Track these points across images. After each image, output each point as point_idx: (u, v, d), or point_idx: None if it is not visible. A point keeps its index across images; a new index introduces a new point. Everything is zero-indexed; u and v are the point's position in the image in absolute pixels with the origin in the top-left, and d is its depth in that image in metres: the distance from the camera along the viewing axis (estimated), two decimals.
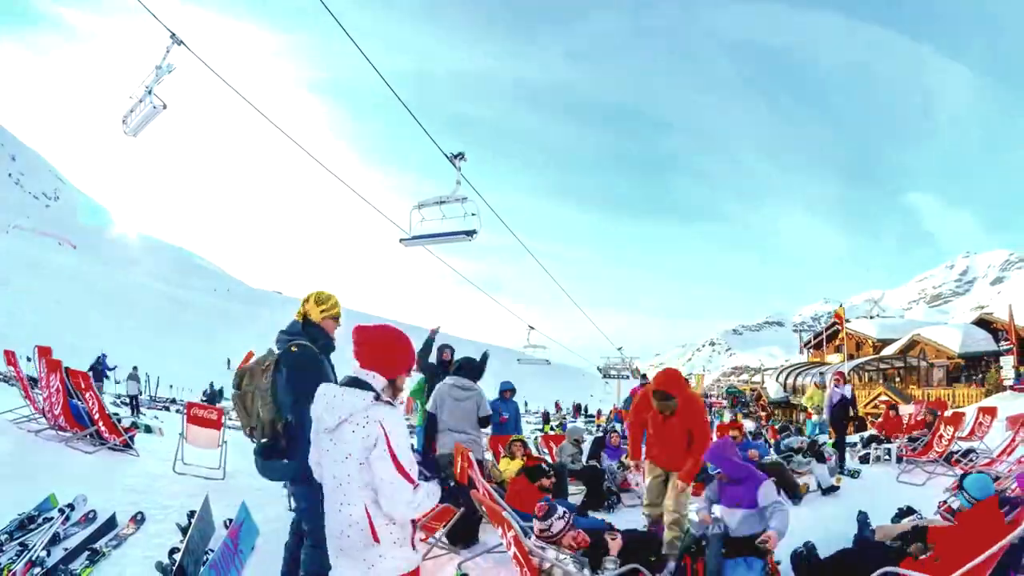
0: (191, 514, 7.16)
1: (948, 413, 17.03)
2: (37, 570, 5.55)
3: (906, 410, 22.81)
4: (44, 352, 11.52)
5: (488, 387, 9.26)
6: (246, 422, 5.52)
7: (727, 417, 51.36)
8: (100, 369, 28.13)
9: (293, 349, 5.52)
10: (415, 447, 9.50)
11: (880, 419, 21.30)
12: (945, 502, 9.12)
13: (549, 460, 12.56)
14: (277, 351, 5.65)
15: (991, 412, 16.92)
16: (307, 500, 5.24)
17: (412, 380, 11.29)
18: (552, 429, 47.35)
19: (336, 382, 4.17)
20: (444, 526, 7.52)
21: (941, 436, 14.55)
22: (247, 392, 5.51)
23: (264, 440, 5.37)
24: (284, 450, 5.30)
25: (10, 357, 14.87)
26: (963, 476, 6.86)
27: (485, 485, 7.17)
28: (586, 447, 15.08)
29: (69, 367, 11.07)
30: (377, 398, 3.82)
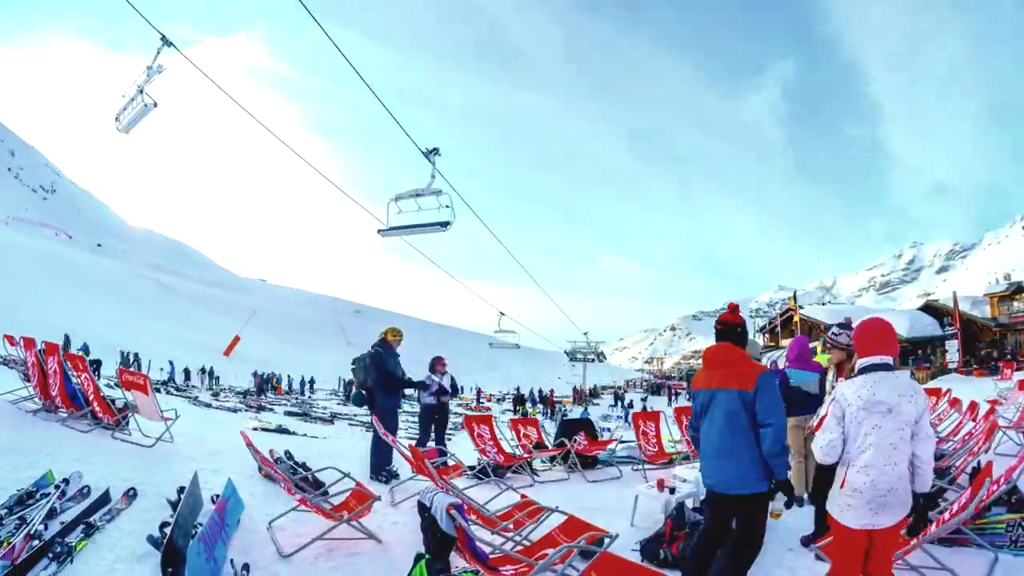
0: (181, 490, 7.15)
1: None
2: (35, 542, 5.53)
3: None
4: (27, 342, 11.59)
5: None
6: (358, 380, 11.36)
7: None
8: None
9: (372, 350, 11.17)
10: None
11: None
12: None
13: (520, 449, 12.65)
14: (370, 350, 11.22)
15: (937, 393, 17.13)
16: (380, 414, 10.74)
17: None
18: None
19: (392, 369, 11.09)
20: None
21: None
22: (358, 367, 11.31)
23: (359, 389, 11.41)
24: (367, 394, 11.19)
25: (10, 341, 14.84)
26: None
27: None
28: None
29: (68, 351, 11.08)
30: None
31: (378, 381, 10.94)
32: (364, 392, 11.24)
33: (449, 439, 14.79)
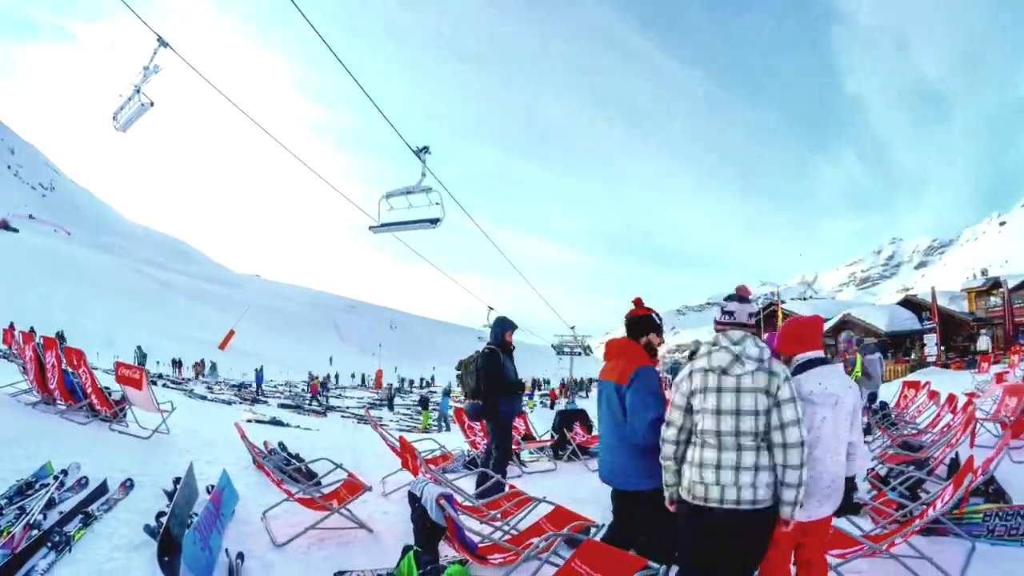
0: (177, 480, 7.17)
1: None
2: (34, 532, 5.53)
3: None
4: (25, 336, 11.58)
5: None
6: (467, 388, 9.26)
7: None
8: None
9: (486, 351, 9.14)
10: None
11: None
12: (873, 469, 9.24)
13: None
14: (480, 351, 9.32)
15: (915, 386, 17.19)
16: (495, 425, 9.23)
17: None
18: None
19: (510, 369, 9.23)
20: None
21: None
22: (466, 371, 9.24)
23: (474, 399, 9.13)
24: (483, 403, 9.06)
25: (8, 335, 14.83)
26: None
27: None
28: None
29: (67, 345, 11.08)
30: None
31: (493, 388, 9.10)
32: (480, 402, 9.20)
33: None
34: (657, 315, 5.41)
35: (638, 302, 5.51)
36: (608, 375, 5.21)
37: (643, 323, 5.39)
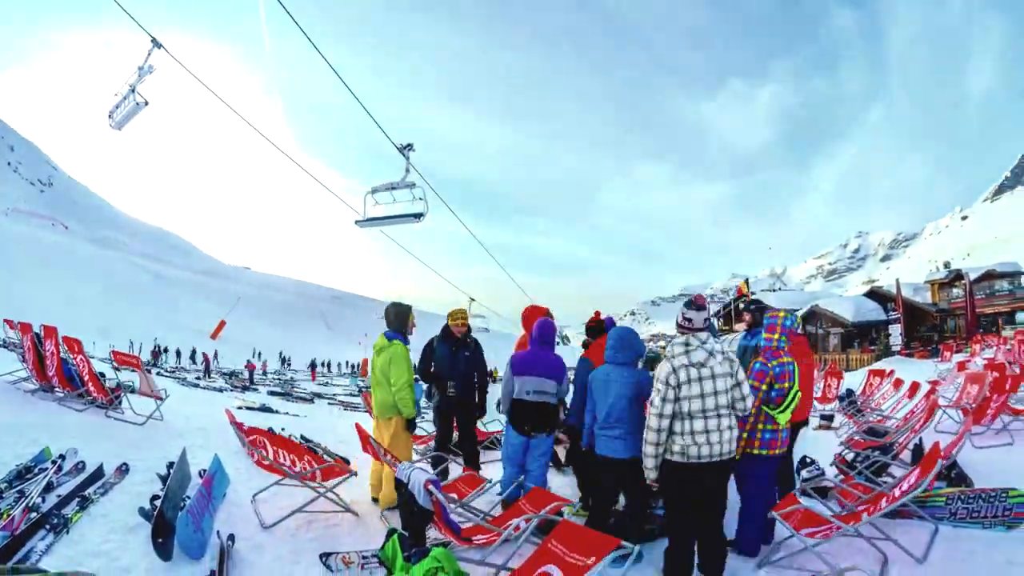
0: (170, 465, 7.17)
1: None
2: (33, 515, 5.52)
3: None
4: (23, 327, 11.56)
5: None
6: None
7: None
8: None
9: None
10: None
11: None
12: (840, 454, 9.31)
13: None
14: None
15: (881, 374, 17.32)
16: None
17: None
18: None
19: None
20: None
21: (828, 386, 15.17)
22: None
23: None
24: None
25: (9, 325, 14.79)
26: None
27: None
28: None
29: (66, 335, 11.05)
30: None
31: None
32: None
33: None
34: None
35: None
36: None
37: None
